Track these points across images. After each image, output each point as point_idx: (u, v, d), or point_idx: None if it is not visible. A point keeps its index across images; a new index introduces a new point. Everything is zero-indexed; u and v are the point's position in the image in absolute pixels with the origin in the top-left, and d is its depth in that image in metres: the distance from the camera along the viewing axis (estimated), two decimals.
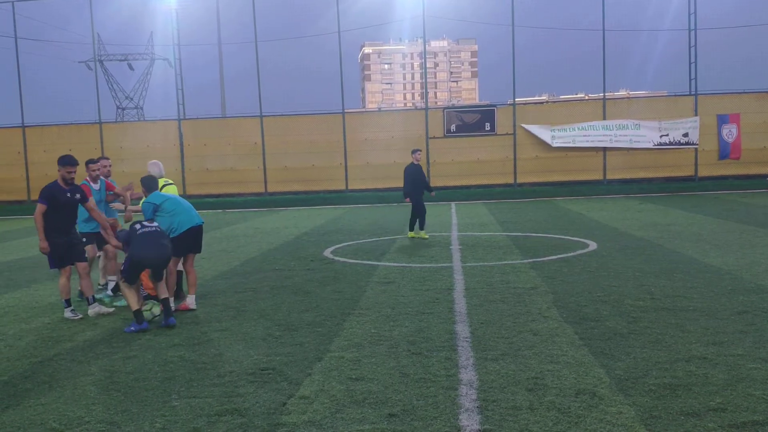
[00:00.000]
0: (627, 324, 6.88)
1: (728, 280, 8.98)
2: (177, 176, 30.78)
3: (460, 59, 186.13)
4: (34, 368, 6.17)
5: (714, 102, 29.75)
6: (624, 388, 5.01)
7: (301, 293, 9.21)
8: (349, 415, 4.69)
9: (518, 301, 8.16)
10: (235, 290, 9.64)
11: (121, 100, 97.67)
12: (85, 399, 5.26)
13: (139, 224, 7.83)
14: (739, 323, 6.78)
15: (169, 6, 32.71)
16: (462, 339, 6.52)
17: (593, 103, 32.13)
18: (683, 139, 29.18)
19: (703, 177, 29.60)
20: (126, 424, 4.70)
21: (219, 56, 42.01)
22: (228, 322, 7.69)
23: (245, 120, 31.84)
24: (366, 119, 33.59)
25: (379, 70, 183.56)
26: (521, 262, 11.19)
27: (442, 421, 4.52)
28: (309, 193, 29.58)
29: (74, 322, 8.02)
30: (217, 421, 4.67)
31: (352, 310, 7.99)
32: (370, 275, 10.37)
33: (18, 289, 10.48)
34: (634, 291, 8.52)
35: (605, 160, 30.00)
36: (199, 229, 8.54)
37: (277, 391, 5.25)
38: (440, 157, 30.50)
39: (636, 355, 5.83)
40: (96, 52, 37.73)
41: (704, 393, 4.86)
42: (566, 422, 4.42)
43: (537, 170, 30.23)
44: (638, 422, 4.38)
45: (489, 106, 31.70)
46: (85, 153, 26.63)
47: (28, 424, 4.79)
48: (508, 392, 5.01)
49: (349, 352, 6.22)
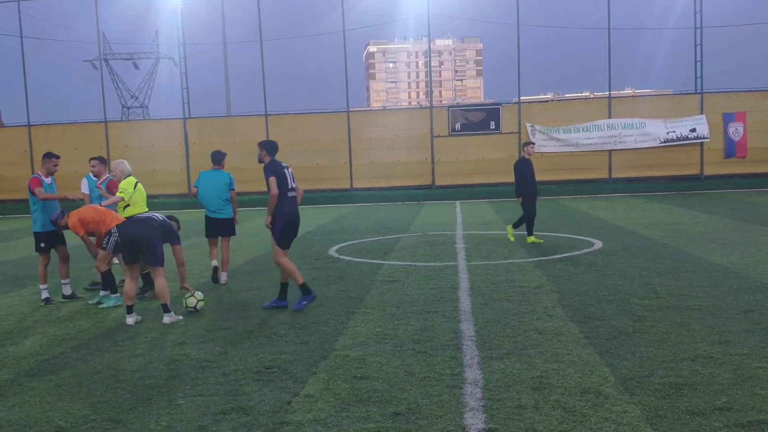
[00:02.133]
0: (632, 323, 6.87)
1: (734, 279, 8.95)
2: (182, 175, 30.85)
3: (465, 58, 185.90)
4: (40, 366, 6.19)
5: (720, 100, 29.63)
6: (629, 387, 5.00)
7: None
8: (354, 413, 4.70)
9: (523, 299, 8.15)
10: (240, 289, 9.66)
11: (126, 99, 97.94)
12: (90, 397, 5.27)
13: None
14: (744, 322, 6.75)
15: (174, 5, 32.76)
16: (467, 338, 6.52)
17: (598, 102, 32.06)
18: (691, 134, 29.01)
19: (709, 176, 29.49)
20: (131, 422, 4.71)
21: (224, 55, 42.00)
22: (233, 320, 7.70)
23: (250, 119, 31.86)
24: (370, 118, 33.56)
25: (384, 69, 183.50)
26: (526, 260, 11.18)
27: (447, 419, 4.52)
28: (313, 192, 29.55)
29: (78, 321, 8.04)
30: (223, 419, 4.68)
31: (356, 309, 7.99)
32: (375, 274, 10.37)
33: (24, 288, 10.52)
34: (640, 290, 8.50)
35: (610, 159, 29.92)
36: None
37: (282, 389, 5.26)
38: (445, 155, 30.46)
39: (641, 354, 5.82)
40: (101, 51, 37.77)
41: (710, 392, 4.85)
42: (571, 421, 4.41)
43: (542, 169, 29.85)
44: (643, 421, 4.37)
45: (494, 104, 31.65)
46: (90, 152, 26.60)
47: (34, 421, 4.80)
48: (513, 391, 5.00)
49: (353, 351, 6.22)
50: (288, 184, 8.13)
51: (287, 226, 8.18)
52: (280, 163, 8.24)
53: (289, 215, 8.16)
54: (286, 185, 8.09)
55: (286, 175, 8.14)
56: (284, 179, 8.09)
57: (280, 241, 8.16)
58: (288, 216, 8.15)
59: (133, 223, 8.09)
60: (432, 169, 30.56)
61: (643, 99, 34.97)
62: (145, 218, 8.17)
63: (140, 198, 9.15)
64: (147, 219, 8.15)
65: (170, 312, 7.86)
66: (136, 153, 29.94)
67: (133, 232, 7.90)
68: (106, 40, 78.39)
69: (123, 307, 8.66)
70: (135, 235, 7.88)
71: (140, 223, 8.06)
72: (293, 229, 8.30)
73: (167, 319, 7.78)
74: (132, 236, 7.87)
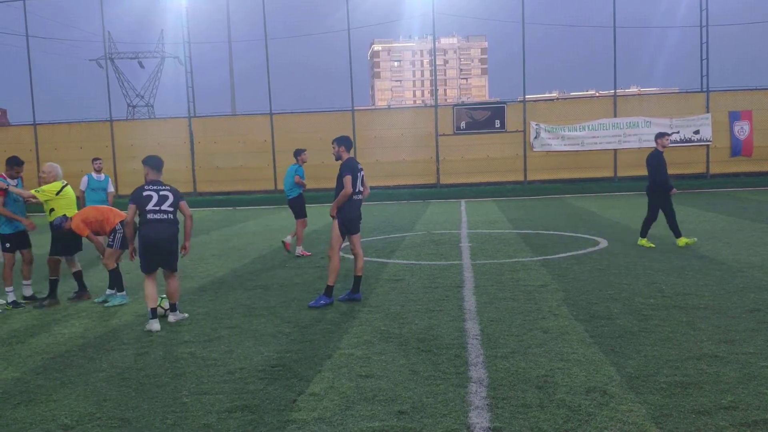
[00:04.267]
0: (638, 322, 6.85)
1: (740, 278, 8.92)
2: (187, 174, 30.93)
3: (470, 56, 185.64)
4: (45, 365, 6.21)
5: (726, 99, 29.55)
6: (635, 386, 4.98)
7: (311, 290, 9.22)
8: (359, 412, 4.70)
9: (528, 298, 8.14)
10: (245, 287, 9.67)
11: (131, 98, 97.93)
12: (96, 395, 5.29)
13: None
14: (750, 321, 6.73)
15: (180, 4, 32.82)
16: (472, 336, 6.51)
17: (604, 100, 32.01)
18: (694, 136, 28.99)
19: (715, 174, 29.43)
20: (137, 420, 4.73)
21: (229, 54, 42.11)
22: (238, 319, 7.71)
23: (255, 118, 31.93)
24: (375, 117, 33.58)
25: (389, 68, 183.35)
26: (531, 259, 11.16)
27: (452, 418, 4.51)
28: (319, 191, 29.52)
29: (84, 320, 8.06)
30: (228, 418, 4.68)
31: (361, 308, 7.99)
32: (380, 273, 10.37)
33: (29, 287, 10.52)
34: (645, 289, 8.48)
35: (616, 158, 29.87)
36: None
37: (287, 387, 5.26)
38: (450, 154, 30.46)
39: (647, 353, 5.81)
40: (107, 50, 37.93)
41: (715, 391, 4.83)
42: (576, 420, 4.40)
43: (547, 167, 30.14)
44: (649, 420, 4.36)
45: (499, 103, 31.63)
46: (95, 151, 26.84)
47: (40, 420, 4.82)
48: (518, 390, 4.99)
49: (358, 350, 6.23)
50: (357, 186, 8.38)
51: (346, 225, 8.40)
52: (357, 164, 8.56)
53: (350, 217, 8.42)
54: (354, 187, 8.32)
55: (358, 177, 8.39)
56: (356, 181, 8.34)
57: (335, 237, 8.37)
58: (349, 216, 8.41)
59: (153, 225, 7.47)
60: (437, 167, 30.56)
61: (649, 98, 34.85)
62: (163, 220, 7.53)
63: (66, 203, 9.16)
64: (164, 221, 7.54)
65: (176, 311, 7.79)
66: (142, 152, 29.79)
67: (158, 237, 7.46)
68: (111, 39, 78.59)
69: (127, 305, 8.70)
70: (159, 238, 7.47)
71: (160, 225, 7.51)
72: (351, 229, 8.50)
73: (172, 318, 7.70)
74: (156, 240, 7.47)
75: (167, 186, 7.69)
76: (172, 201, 7.56)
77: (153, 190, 7.56)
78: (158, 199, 7.51)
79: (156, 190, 7.56)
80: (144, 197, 7.51)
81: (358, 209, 8.56)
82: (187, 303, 8.61)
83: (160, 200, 7.51)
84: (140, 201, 7.52)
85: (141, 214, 7.53)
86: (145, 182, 7.68)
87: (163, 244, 7.53)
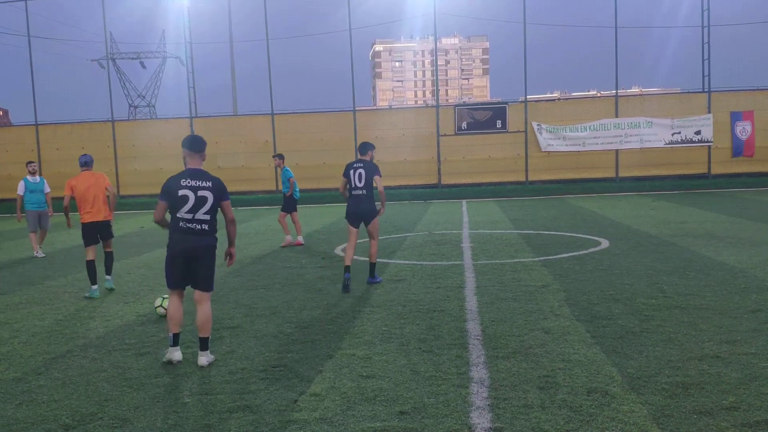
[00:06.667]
0: (639, 322, 6.85)
1: (741, 279, 8.92)
2: None
3: (472, 56, 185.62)
4: (47, 364, 6.22)
5: (727, 99, 29.52)
6: (636, 387, 4.98)
7: (313, 291, 9.23)
8: (360, 412, 4.70)
9: (530, 299, 8.14)
10: (247, 288, 9.67)
11: (133, 98, 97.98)
12: (97, 395, 5.29)
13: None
14: (752, 322, 6.73)
15: (181, 4, 32.83)
16: (473, 337, 6.51)
17: (605, 101, 31.96)
18: (696, 137, 28.97)
19: (717, 174, 29.40)
20: (138, 420, 4.73)
21: (230, 54, 42.10)
22: (239, 319, 7.71)
23: (256, 118, 31.93)
24: (377, 117, 33.56)
25: (390, 68, 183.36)
26: (533, 259, 11.16)
27: (453, 419, 4.51)
28: (320, 191, 29.57)
29: (86, 320, 8.06)
30: (229, 418, 4.68)
31: (363, 308, 8.00)
32: (381, 273, 10.36)
33: (32, 286, 10.56)
34: (647, 289, 8.48)
35: (617, 158, 29.85)
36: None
37: (288, 388, 5.26)
38: (451, 154, 30.45)
39: (648, 353, 5.80)
40: (108, 51, 37.89)
41: (717, 392, 4.83)
42: (578, 421, 4.40)
43: (548, 168, 30.13)
44: (650, 421, 4.36)
45: (500, 103, 31.60)
46: (97, 151, 26.88)
47: (41, 420, 4.82)
48: (519, 390, 4.99)
49: (360, 350, 6.23)
50: (352, 183, 9.49)
51: (348, 218, 9.62)
52: (352, 162, 9.65)
53: (349, 211, 9.61)
54: (350, 184, 9.53)
55: (351, 175, 9.48)
56: (349, 179, 9.49)
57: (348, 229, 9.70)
58: (348, 211, 9.62)
59: (184, 234, 6.03)
60: (438, 168, 30.55)
61: (650, 98, 34.81)
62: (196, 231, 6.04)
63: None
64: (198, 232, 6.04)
65: (207, 350, 6.06)
66: (144, 152, 30.06)
67: (185, 248, 6.02)
68: (113, 40, 78.59)
69: (127, 305, 8.71)
70: (188, 249, 6.03)
71: (192, 236, 6.04)
72: (354, 222, 9.59)
73: (204, 360, 5.96)
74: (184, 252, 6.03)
75: (209, 181, 6.07)
76: (212, 205, 6.04)
77: (190, 187, 5.98)
78: (195, 202, 5.98)
79: (194, 188, 5.98)
80: (179, 198, 5.97)
81: (356, 205, 9.48)
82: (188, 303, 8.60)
83: (197, 204, 5.98)
84: (173, 200, 6.02)
85: (171, 216, 6.10)
86: (184, 170, 6.17)
87: (193, 258, 6.03)
